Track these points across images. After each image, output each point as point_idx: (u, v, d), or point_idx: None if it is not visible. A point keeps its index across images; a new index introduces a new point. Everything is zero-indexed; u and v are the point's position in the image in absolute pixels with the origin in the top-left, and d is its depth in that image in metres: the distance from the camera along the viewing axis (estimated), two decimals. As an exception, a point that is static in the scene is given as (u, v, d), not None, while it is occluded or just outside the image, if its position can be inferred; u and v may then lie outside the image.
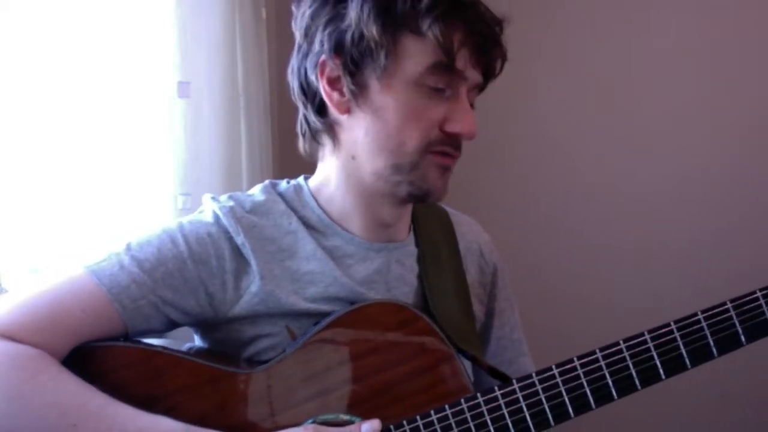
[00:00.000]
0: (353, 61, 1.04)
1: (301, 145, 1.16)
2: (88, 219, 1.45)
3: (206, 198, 1.12)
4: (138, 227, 1.12)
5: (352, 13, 1.02)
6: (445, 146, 1.06)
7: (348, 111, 1.07)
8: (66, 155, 1.42)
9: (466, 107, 1.05)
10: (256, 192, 1.14)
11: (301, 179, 1.17)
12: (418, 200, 1.10)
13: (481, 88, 1.10)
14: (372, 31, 1.01)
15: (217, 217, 1.07)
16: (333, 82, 1.06)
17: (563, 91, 2.25)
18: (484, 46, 1.04)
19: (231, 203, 1.09)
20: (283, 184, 1.17)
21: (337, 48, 1.04)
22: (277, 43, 1.92)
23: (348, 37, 1.03)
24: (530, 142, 2.28)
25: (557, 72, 2.25)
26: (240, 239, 1.06)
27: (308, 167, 1.20)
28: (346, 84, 1.05)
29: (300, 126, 1.15)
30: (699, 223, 2.17)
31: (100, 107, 1.46)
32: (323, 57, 1.05)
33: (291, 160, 1.29)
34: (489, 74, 1.09)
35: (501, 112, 2.22)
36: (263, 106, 1.81)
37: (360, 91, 1.05)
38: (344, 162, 1.10)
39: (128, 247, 1.04)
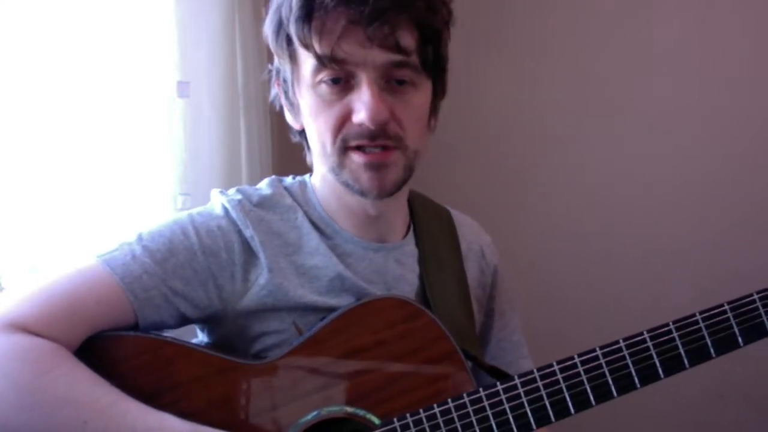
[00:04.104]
0: (284, 81, 1.12)
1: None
2: (87, 218, 1.45)
3: (215, 192, 1.14)
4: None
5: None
6: (360, 139, 1.03)
7: (300, 125, 1.13)
8: (66, 155, 1.42)
9: (365, 95, 1.00)
10: (263, 186, 1.16)
11: (306, 176, 1.19)
12: (364, 197, 1.09)
13: (401, 64, 1.01)
14: (273, 48, 1.09)
15: (226, 210, 1.09)
16: (285, 105, 1.15)
17: (563, 91, 2.25)
18: (363, 22, 0.98)
19: (239, 197, 1.11)
20: (289, 179, 1.19)
21: (277, 74, 1.14)
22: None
23: (276, 62, 1.12)
24: (530, 143, 2.28)
25: (557, 72, 2.25)
26: (249, 232, 1.07)
27: (307, 167, 1.21)
28: (284, 101, 1.14)
29: None
30: (699, 223, 2.17)
31: (100, 107, 1.46)
32: (275, 79, 1.15)
33: (290, 159, 1.29)
34: (400, 47, 1.00)
35: (500, 111, 2.22)
36: (263, 106, 1.81)
37: (292, 106, 1.13)
38: (316, 171, 1.15)
39: (140, 238, 1.05)
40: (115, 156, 1.49)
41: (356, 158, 1.04)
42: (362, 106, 1.01)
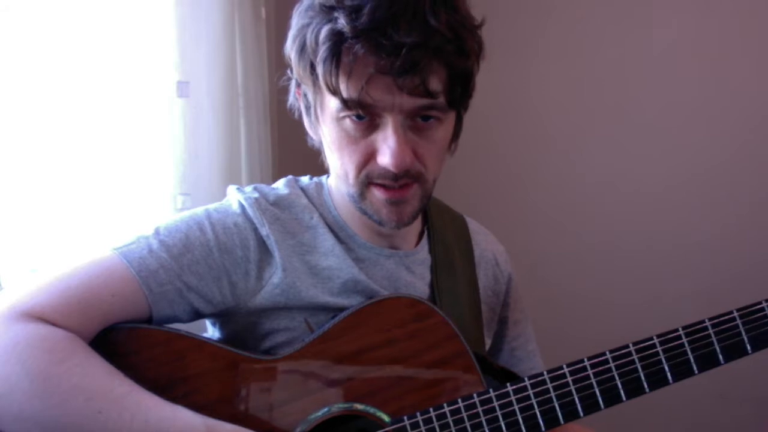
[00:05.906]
0: (305, 96, 1.09)
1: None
2: (87, 219, 1.45)
3: (231, 189, 1.14)
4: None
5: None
6: (384, 179, 1.03)
7: (319, 138, 1.12)
8: (66, 155, 1.42)
9: (390, 139, 1.00)
10: (280, 185, 1.16)
11: (323, 177, 1.19)
12: (382, 227, 1.09)
13: (428, 106, 1.00)
14: (295, 69, 1.06)
15: (243, 208, 1.09)
16: (305, 116, 1.13)
17: (562, 91, 2.25)
18: (393, 72, 0.95)
19: (256, 195, 1.11)
20: (305, 180, 1.19)
21: (297, 85, 1.11)
22: (277, 42, 1.92)
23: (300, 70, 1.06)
24: (530, 143, 2.28)
25: (557, 72, 2.25)
26: (265, 231, 1.08)
27: (307, 168, 1.21)
28: (304, 113, 1.11)
29: None
30: (699, 223, 2.17)
31: (100, 107, 1.46)
32: (295, 88, 1.12)
33: (290, 159, 1.29)
34: (429, 91, 0.98)
35: (500, 112, 2.22)
36: (263, 106, 1.81)
37: (312, 123, 1.11)
38: (333, 177, 1.14)
39: (157, 232, 1.05)
40: (115, 156, 1.49)
41: (377, 194, 1.05)
42: (387, 151, 1.00)
